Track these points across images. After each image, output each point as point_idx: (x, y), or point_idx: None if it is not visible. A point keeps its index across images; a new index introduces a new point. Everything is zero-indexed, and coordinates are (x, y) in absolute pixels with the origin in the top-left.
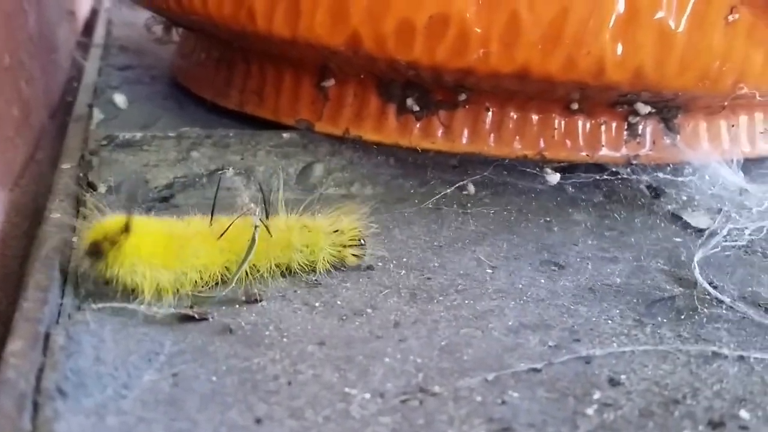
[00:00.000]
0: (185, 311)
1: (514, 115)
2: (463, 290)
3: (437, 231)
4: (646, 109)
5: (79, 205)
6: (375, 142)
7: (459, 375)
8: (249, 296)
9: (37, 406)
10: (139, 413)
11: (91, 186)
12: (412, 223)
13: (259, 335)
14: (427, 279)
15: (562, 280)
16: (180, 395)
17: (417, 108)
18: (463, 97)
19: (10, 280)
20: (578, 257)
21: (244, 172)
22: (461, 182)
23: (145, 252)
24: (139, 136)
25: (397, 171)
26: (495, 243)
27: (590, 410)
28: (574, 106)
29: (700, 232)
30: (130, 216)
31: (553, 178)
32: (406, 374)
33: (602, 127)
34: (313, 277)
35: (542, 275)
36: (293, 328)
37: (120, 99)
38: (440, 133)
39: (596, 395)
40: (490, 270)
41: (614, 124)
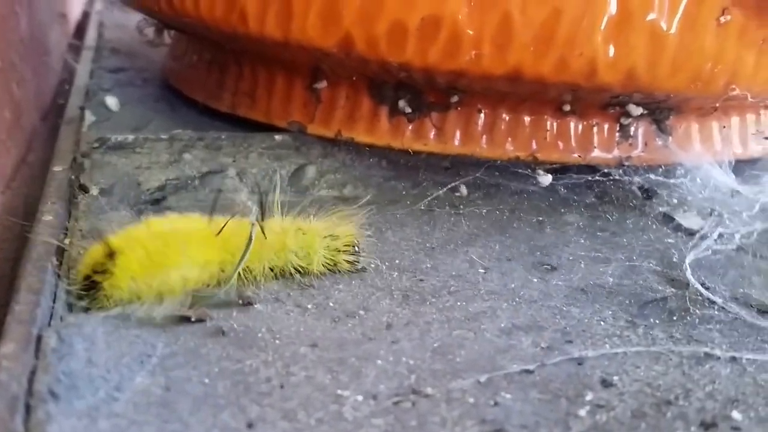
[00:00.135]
0: (183, 313)
1: (506, 117)
2: (456, 292)
3: (430, 232)
4: (638, 111)
5: (71, 207)
6: (367, 144)
7: (451, 376)
8: (243, 299)
9: (29, 409)
10: (131, 416)
11: (83, 188)
12: (405, 225)
13: (252, 337)
14: (420, 281)
15: (555, 281)
16: (172, 398)
17: (409, 110)
18: (456, 98)
19: (1, 283)
20: (570, 258)
21: (236, 175)
22: (453, 183)
23: (138, 268)
24: (131, 138)
25: (390, 173)
26: (487, 244)
27: (583, 411)
28: (567, 108)
29: (692, 233)
30: (108, 239)
31: (545, 180)
32: (399, 376)
33: (594, 129)
34: (306, 279)
35: (535, 276)
36: (286, 330)
37: (112, 101)
38: (432, 135)
39: (589, 396)
40: (482, 271)
41: (606, 126)
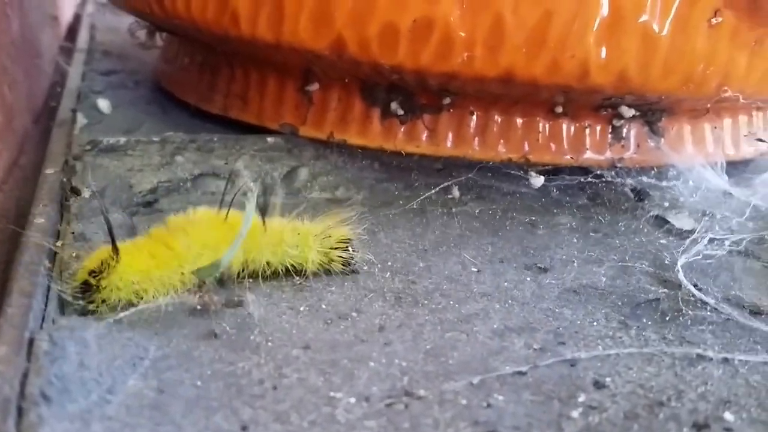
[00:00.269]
0: (192, 299)
1: (498, 119)
2: (448, 293)
3: (422, 234)
4: (630, 113)
5: (63, 210)
6: (360, 146)
7: (444, 378)
8: (234, 303)
9: (21, 412)
10: (123, 418)
11: (74, 191)
12: (397, 227)
13: (244, 339)
14: (412, 283)
15: (547, 282)
16: (165, 400)
17: (401, 112)
18: (448, 100)
19: None
20: (563, 259)
21: (228, 177)
22: (446, 183)
23: (137, 266)
24: (123, 140)
25: (382, 175)
26: (480, 246)
27: (575, 413)
28: (559, 110)
29: (684, 234)
30: (114, 244)
31: (537, 181)
32: (392, 378)
33: (587, 131)
34: (298, 281)
35: (527, 277)
36: (278, 332)
37: (104, 104)
38: (425, 137)
39: (581, 398)
40: (474, 272)
41: (598, 128)
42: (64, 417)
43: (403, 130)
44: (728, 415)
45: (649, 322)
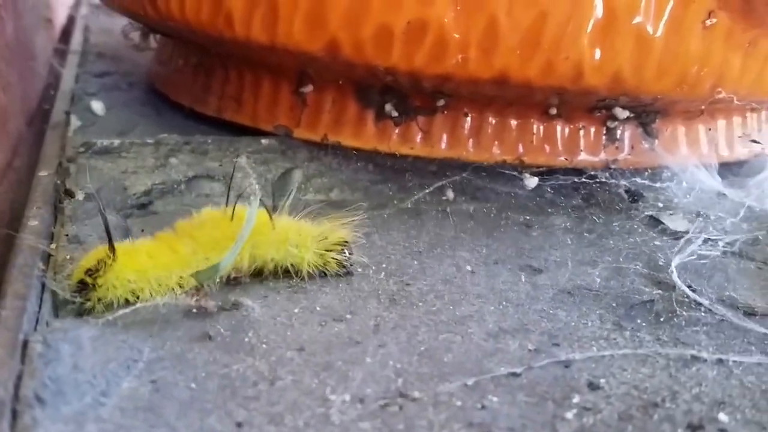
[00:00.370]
0: (188, 302)
1: (492, 121)
2: (443, 295)
3: (416, 236)
4: (624, 114)
5: (57, 212)
6: (354, 148)
7: (439, 380)
8: (230, 305)
9: (15, 414)
10: (118, 420)
11: (68, 193)
12: (392, 229)
13: (239, 341)
14: (407, 284)
15: (541, 283)
16: (159, 402)
17: (396, 114)
18: (442, 102)
19: None
20: (557, 260)
21: (222, 179)
22: (440, 183)
23: (134, 266)
24: (117, 142)
25: (377, 176)
26: (474, 247)
27: (570, 414)
28: (553, 111)
29: (679, 235)
30: (111, 243)
31: (531, 182)
32: (386, 379)
33: (581, 132)
34: (293, 283)
35: (521, 279)
36: (272, 333)
37: (97, 106)
38: (419, 139)
39: (576, 399)
40: (469, 273)
41: (593, 129)
42: (59, 419)
43: (397, 131)
44: (723, 416)
45: (644, 323)
